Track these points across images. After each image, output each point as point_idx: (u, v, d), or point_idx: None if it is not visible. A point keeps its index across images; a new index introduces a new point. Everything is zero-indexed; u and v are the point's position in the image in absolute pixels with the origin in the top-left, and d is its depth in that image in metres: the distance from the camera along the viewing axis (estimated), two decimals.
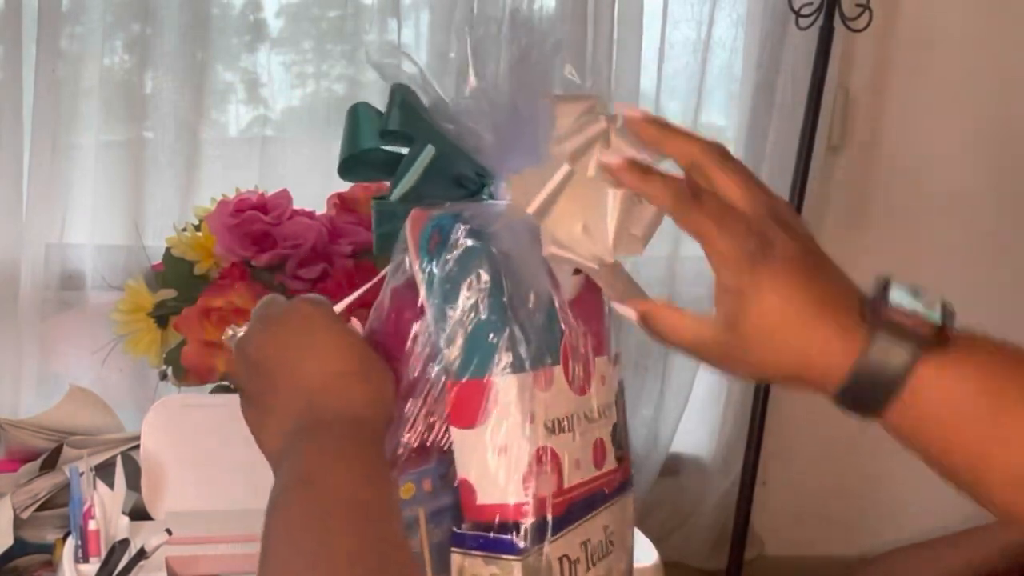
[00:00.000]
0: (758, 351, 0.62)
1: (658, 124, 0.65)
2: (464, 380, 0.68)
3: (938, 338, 0.60)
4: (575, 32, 1.81)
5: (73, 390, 1.38)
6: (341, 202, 1.35)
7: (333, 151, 1.99)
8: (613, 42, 1.87)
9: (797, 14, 1.97)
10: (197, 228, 1.27)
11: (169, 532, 1.00)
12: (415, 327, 0.70)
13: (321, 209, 1.36)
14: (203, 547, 1.06)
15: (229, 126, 1.86)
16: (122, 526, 1.05)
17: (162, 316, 1.26)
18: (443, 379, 0.68)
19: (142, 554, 0.98)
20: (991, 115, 2.16)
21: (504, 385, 0.67)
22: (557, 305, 0.71)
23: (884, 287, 0.62)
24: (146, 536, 1.01)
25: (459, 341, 0.67)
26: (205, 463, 1.15)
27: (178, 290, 1.25)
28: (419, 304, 0.69)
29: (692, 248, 2.13)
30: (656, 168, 0.65)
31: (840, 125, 2.18)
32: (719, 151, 0.65)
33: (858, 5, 1.98)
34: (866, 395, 0.61)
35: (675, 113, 1.94)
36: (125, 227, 1.69)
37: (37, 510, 1.21)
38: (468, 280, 0.67)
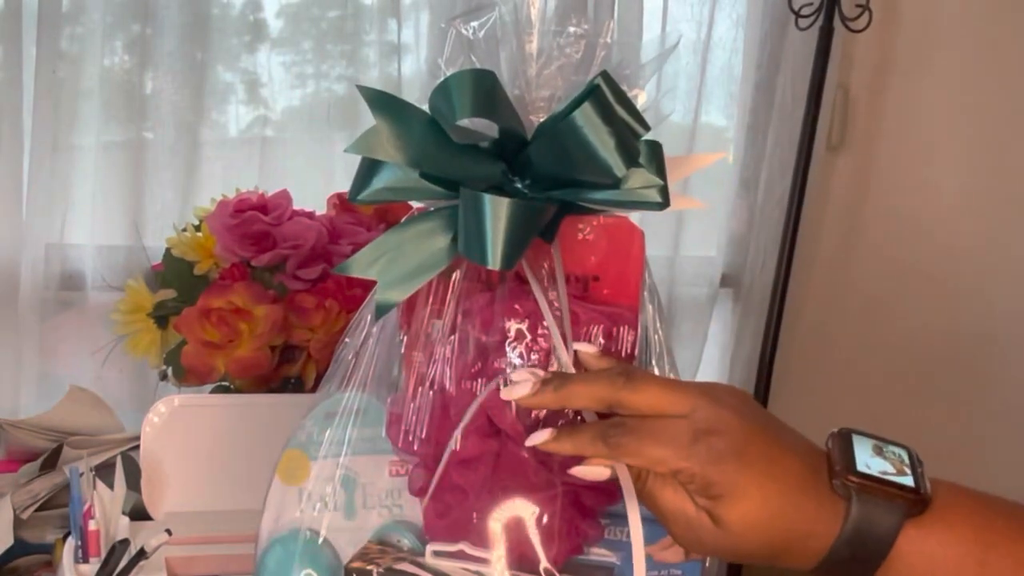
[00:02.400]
0: (742, 542, 0.61)
1: (552, 387, 0.64)
2: None
3: (917, 502, 0.60)
4: None
5: (73, 390, 1.38)
6: (341, 202, 1.35)
7: (333, 151, 1.99)
8: (608, 43, 1.87)
9: (797, 14, 1.97)
10: (197, 228, 1.27)
11: (169, 532, 1.00)
12: None
13: (321, 209, 1.35)
14: (203, 547, 1.06)
15: (229, 126, 1.87)
16: (122, 526, 1.05)
17: (162, 316, 1.25)
18: None
19: (142, 554, 0.98)
20: (991, 115, 2.16)
21: None
22: None
23: (846, 449, 0.62)
24: (146, 536, 1.01)
25: None
26: (205, 463, 1.15)
27: (178, 290, 1.25)
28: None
29: (692, 248, 2.13)
30: (565, 429, 0.65)
31: (840, 125, 2.19)
32: (622, 375, 0.64)
33: (858, 5, 1.98)
34: (853, 568, 0.60)
35: (675, 113, 1.95)
36: (125, 227, 1.70)
37: (37, 510, 1.21)
38: None
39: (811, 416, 2.28)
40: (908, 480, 0.60)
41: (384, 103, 0.66)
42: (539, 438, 0.64)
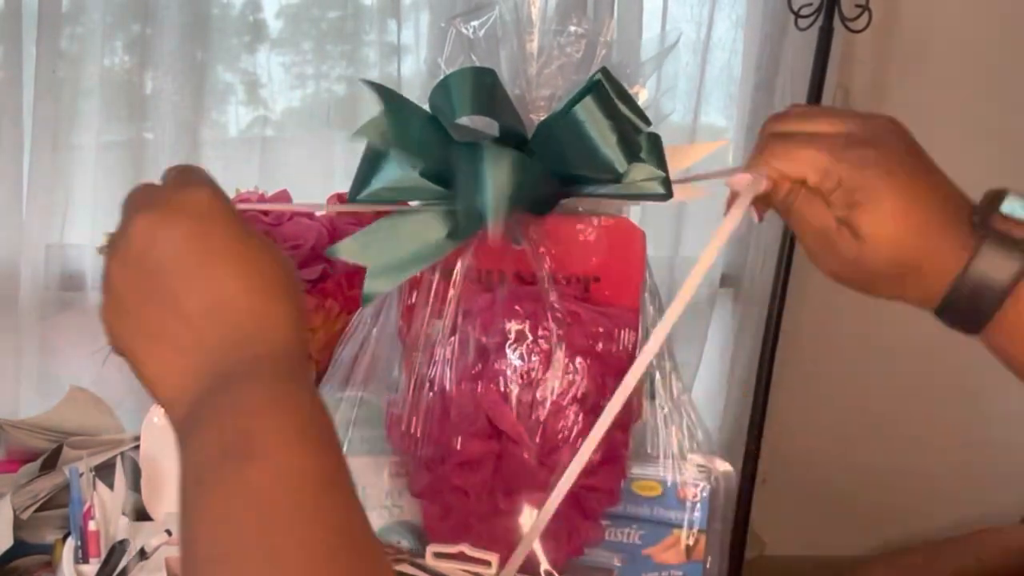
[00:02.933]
0: (873, 256, 0.62)
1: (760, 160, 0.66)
2: None
3: None
4: None
5: (73, 390, 1.38)
6: (341, 202, 1.35)
7: (333, 151, 1.99)
8: (607, 42, 1.87)
9: (796, 15, 1.97)
10: None
11: (169, 532, 0.99)
12: None
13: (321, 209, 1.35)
14: None
15: (229, 126, 1.86)
16: (122, 526, 1.05)
17: None
18: None
19: (142, 554, 0.98)
20: (990, 115, 2.16)
21: None
22: None
23: (997, 197, 0.62)
24: (146, 536, 1.01)
25: None
26: None
27: None
28: None
29: (692, 248, 2.13)
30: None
31: None
32: (771, 118, 0.66)
33: (858, 5, 1.98)
34: (969, 306, 0.60)
35: (675, 113, 1.95)
36: None
37: (37, 511, 1.20)
38: None
39: (811, 416, 2.29)
40: None
41: (388, 97, 0.66)
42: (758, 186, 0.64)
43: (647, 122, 0.68)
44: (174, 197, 0.54)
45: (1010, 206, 0.61)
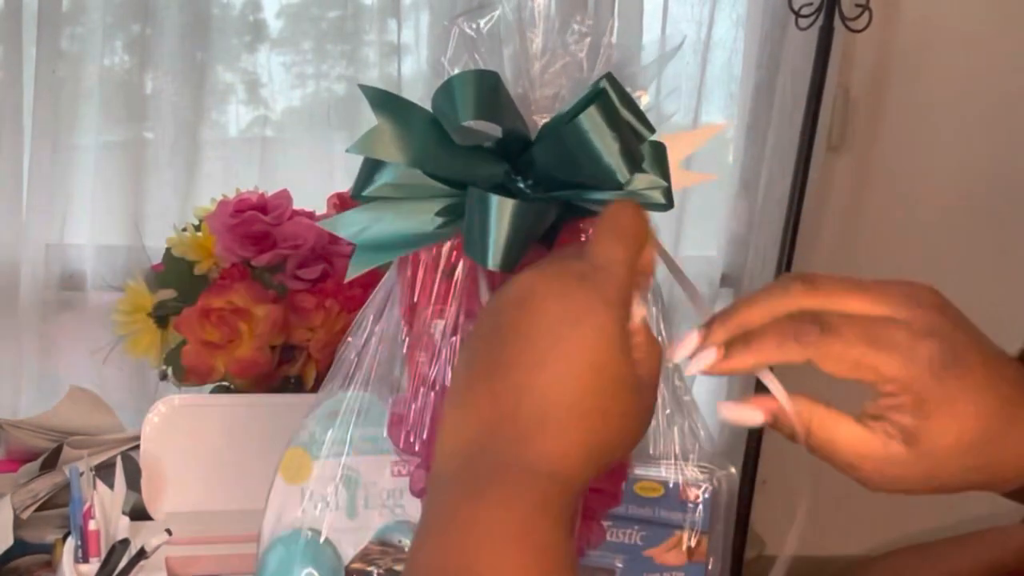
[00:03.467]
0: (944, 467, 0.52)
1: (721, 318, 0.56)
2: None
3: None
4: None
5: (73, 390, 1.38)
6: (341, 202, 1.34)
7: (333, 151, 1.99)
8: (611, 43, 1.88)
9: (797, 14, 1.97)
10: (197, 228, 1.27)
11: (169, 532, 1.00)
12: None
13: (321, 209, 1.35)
14: (203, 547, 1.06)
15: (229, 126, 1.86)
16: (122, 526, 1.05)
17: (162, 316, 1.25)
18: None
19: (142, 554, 0.98)
20: (991, 115, 2.16)
21: None
22: None
23: None
24: (146, 536, 1.01)
25: None
26: (205, 463, 1.15)
27: (178, 290, 1.25)
28: None
29: (692, 248, 2.13)
30: (739, 341, 0.55)
31: (840, 125, 2.19)
32: (795, 279, 0.55)
33: (858, 5, 1.98)
34: None
35: (674, 112, 1.95)
36: (125, 227, 1.69)
37: (37, 510, 1.20)
38: None
39: None
40: None
41: (386, 102, 0.65)
42: (705, 361, 0.55)
43: (651, 129, 0.68)
44: (564, 279, 0.49)
45: None
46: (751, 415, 0.56)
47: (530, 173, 0.67)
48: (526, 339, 0.47)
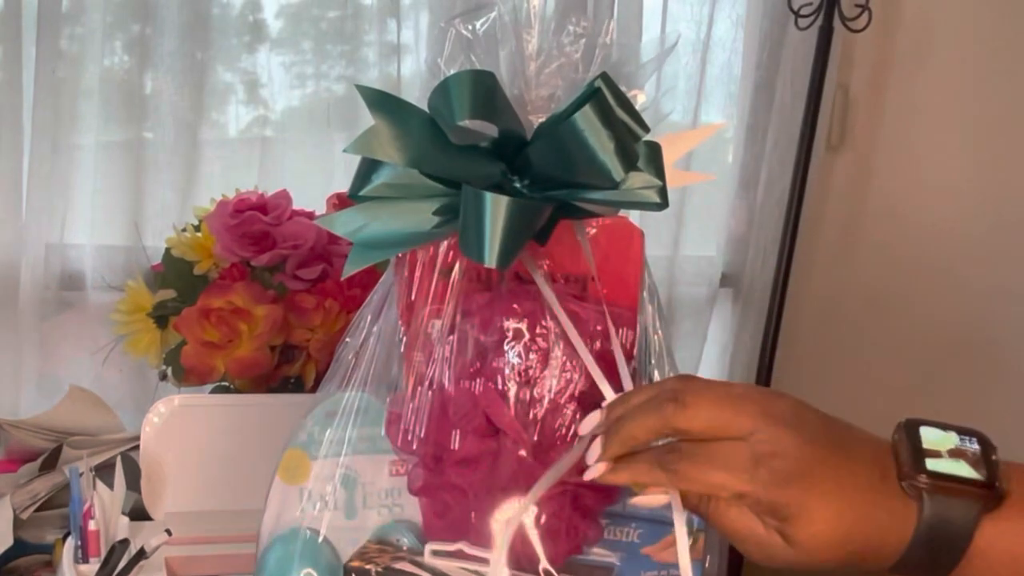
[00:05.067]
0: (817, 556, 0.59)
1: (614, 445, 0.62)
2: None
3: (991, 497, 0.58)
4: None
5: (73, 390, 1.38)
6: (341, 202, 1.35)
7: (333, 151, 1.99)
8: (607, 43, 1.88)
9: (796, 14, 1.97)
10: (197, 228, 1.27)
11: (169, 532, 1.00)
12: None
13: (321, 209, 1.35)
14: (203, 547, 1.06)
15: (229, 126, 1.86)
16: (122, 526, 1.05)
17: (162, 316, 1.26)
18: None
19: (142, 554, 0.98)
20: (991, 114, 2.16)
21: None
22: None
23: (913, 444, 0.60)
24: (146, 536, 1.01)
25: None
26: (205, 463, 1.15)
27: (178, 290, 1.25)
28: None
29: (692, 248, 2.12)
30: (623, 461, 0.62)
31: (840, 125, 2.19)
32: (670, 401, 0.61)
33: (858, 5, 1.98)
34: (930, 566, 0.59)
35: (674, 113, 1.95)
36: (125, 227, 1.69)
37: (37, 510, 1.21)
38: None
39: None
40: (980, 474, 0.59)
41: (383, 103, 0.66)
42: (595, 472, 0.62)
43: (646, 128, 0.68)
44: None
45: (931, 457, 0.59)
46: (657, 500, 0.62)
47: (526, 173, 0.68)
48: None
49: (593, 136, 0.63)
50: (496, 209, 0.63)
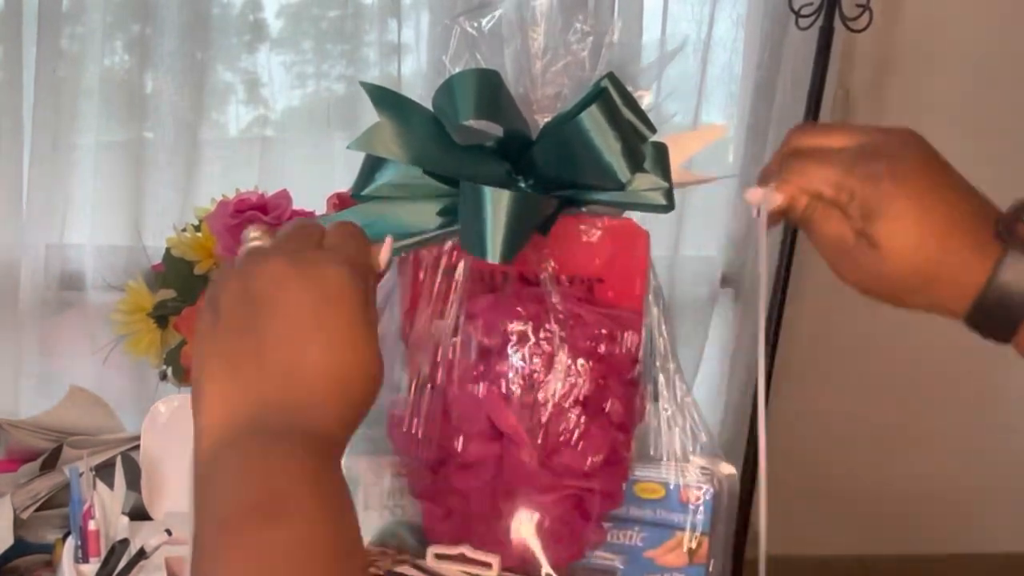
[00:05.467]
0: (897, 268, 0.62)
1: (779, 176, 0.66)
2: None
3: None
4: None
5: (73, 390, 1.38)
6: (341, 202, 1.34)
7: (333, 151, 1.99)
8: (613, 42, 1.88)
9: (797, 14, 1.97)
10: (197, 228, 1.27)
11: (169, 532, 1.00)
12: None
13: (321, 209, 1.35)
14: None
15: (229, 126, 1.86)
16: (122, 526, 1.05)
17: (162, 316, 1.25)
18: None
19: (142, 554, 0.98)
20: (991, 115, 2.16)
21: None
22: None
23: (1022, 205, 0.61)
24: (146, 536, 1.01)
25: None
26: None
27: (178, 290, 1.25)
28: None
29: (692, 248, 2.12)
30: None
31: None
32: (795, 130, 0.66)
33: (858, 5, 1.98)
34: (996, 315, 0.60)
35: (675, 113, 1.94)
36: (125, 227, 1.69)
37: (37, 510, 1.20)
38: None
39: (811, 415, 2.28)
40: None
41: (388, 100, 0.65)
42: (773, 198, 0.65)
43: (652, 129, 0.68)
44: (318, 265, 0.55)
45: None
46: (772, 197, 0.64)
47: (531, 173, 0.67)
48: (288, 320, 0.53)
49: (599, 136, 0.63)
50: (497, 203, 0.63)
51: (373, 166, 0.68)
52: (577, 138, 0.63)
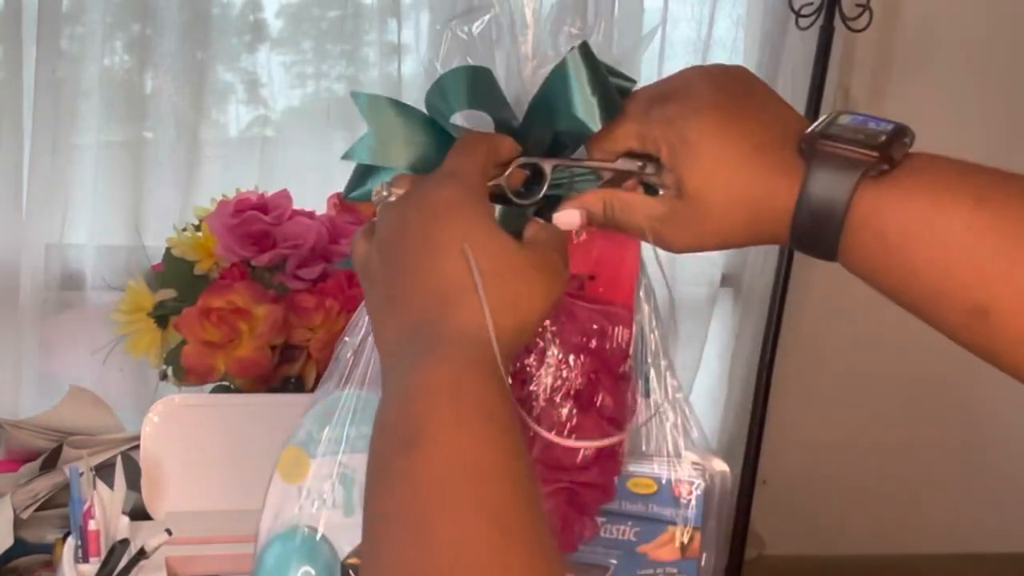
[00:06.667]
0: (709, 208, 0.59)
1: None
2: None
3: (879, 162, 0.56)
4: None
5: (73, 390, 1.38)
6: (341, 202, 1.35)
7: (333, 151, 1.99)
8: (613, 42, 1.88)
9: (797, 14, 1.97)
10: (197, 228, 1.27)
11: (169, 532, 1.00)
12: None
13: (321, 209, 1.36)
14: (203, 547, 1.06)
15: (229, 126, 1.87)
16: (122, 526, 1.05)
17: (162, 316, 1.26)
18: None
19: (142, 554, 0.98)
20: (991, 115, 2.16)
21: None
22: None
23: (829, 119, 0.58)
24: (146, 536, 1.01)
25: None
26: (205, 463, 1.15)
27: (178, 290, 1.25)
28: None
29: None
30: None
31: None
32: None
33: (858, 5, 1.98)
34: (816, 233, 0.57)
35: None
36: (125, 227, 1.70)
37: (37, 510, 1.21)
38: None
39: (810, 415, 2.29)
40: (873, 142, 0.57)
41: (378, 108, 0.66)
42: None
43: (632, 81, 0.68)
44: (423, 194, 0.59)
45: (840, 127, 0.57)
46: (570, 216, 0.63)
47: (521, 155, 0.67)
48: (412, 252, 0.57)
49: (576, 78, 0.64)
50: None
51: (366, 167, 0.68)
52: (558, 81, 0.64)
